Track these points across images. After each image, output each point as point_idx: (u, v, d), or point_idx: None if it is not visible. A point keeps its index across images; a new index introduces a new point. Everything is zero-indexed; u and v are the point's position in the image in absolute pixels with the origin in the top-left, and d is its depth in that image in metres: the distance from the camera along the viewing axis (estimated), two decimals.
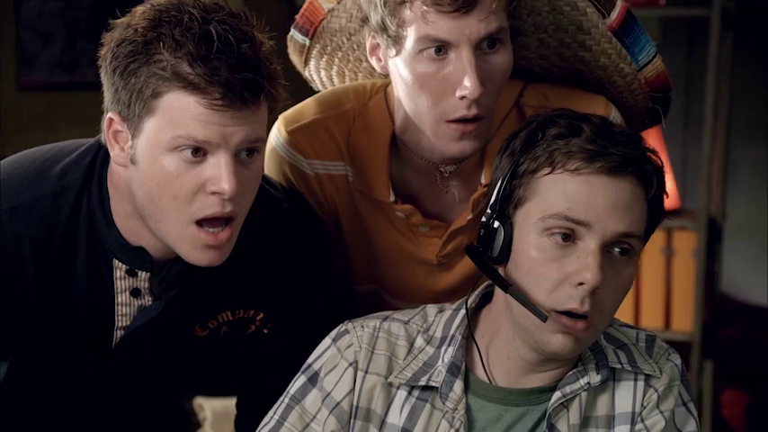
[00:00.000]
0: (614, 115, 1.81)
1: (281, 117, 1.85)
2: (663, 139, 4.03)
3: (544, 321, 1.51)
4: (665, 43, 4.26)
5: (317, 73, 1.97)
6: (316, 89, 2.00)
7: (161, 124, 1.52)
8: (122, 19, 1.57)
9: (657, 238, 3.95)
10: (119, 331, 1.67)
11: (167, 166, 1.53)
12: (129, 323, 1.67)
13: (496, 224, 1.56)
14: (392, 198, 1.82)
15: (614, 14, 1.80)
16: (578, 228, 1.51)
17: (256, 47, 1.54)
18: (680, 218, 3.95)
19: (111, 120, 1.57)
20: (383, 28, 1.69)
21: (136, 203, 1.59)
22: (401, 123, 1.80)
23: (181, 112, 1.51)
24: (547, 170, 1.53)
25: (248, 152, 1.56)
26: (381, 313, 1.68)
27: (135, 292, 1.66)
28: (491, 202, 1.57)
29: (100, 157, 1.64)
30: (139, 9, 1.56)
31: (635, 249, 1.55)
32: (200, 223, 1.56)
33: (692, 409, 1.61)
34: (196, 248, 1.56)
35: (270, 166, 1.85)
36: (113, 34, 1.55)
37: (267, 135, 1.64)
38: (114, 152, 1.58)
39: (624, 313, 3.99)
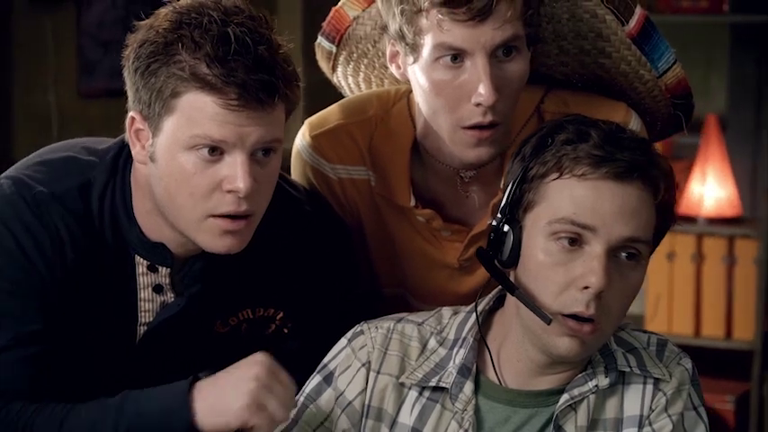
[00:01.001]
0: (634, 121, 1.83)
1: (306, 122, 1.90)
2: (726, 146, 4.02)
3: (548, 324, 1.54)
4: (735, 50, 4.25)
5: (344, 79, 2.01)
6: (345, 95, 2.05)
7: (179, 123, 1.57)
8: (146, 21, 1.62)
9: (718, 246, 3.95)
10: (142, 327, 1.71)
11: (185, 163, 1.58)
12: (151, 319, 1.71)
13: (506, 228, 1.59)
14: (413, 203, 1.85)
15: (633, 22, 1.81)
16: (584, 232, 1.53)
17: (273, 49, 1.59)
18: (741, 226, 3.93)
19: (132, 119, 1.62)
20: (401, 36, 1.72)
21: (155, 200, 1.64)
22: (422, 129, 1.83)
23: (198, 111, 1.56)
24: (555, 175, 1.56)
25: (264, 152, 1.60)
26: (396, 315, 1.71)
27: (157, 289, 1.70)
28: (501, 206, 1.60)
29: (123, 155, 1.69)
30: (162, 11, 1.61)
31: (642, 254, 1.56)
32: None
33: (702, 413, 1.62)
34: (215, 236, 1.61)
35: (294, 170, 1.90)
36: (137, 35, 1.61)
37: (283, 136, 1.67)
38: (135, 150, 1.63)
39: (685, 322, 3.98)
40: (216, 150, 1.58)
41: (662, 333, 1.73)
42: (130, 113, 1.63)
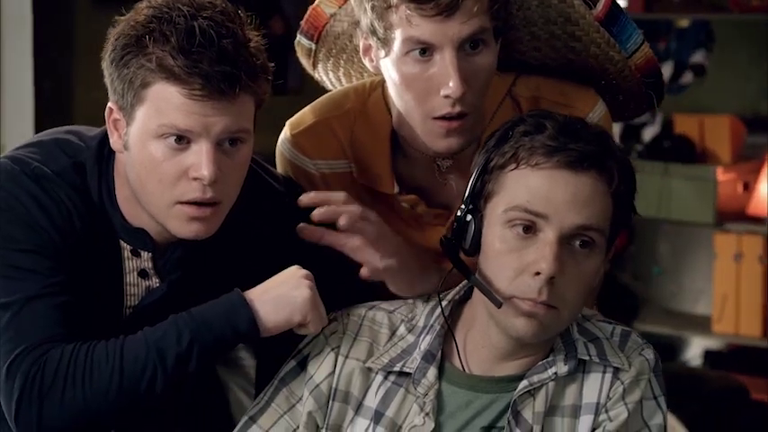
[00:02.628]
0: (599, 107, 1.89)
1: (287, 122, 1.97)
2: None
3: (498, 307, 1.60)
4: None
5: (325, 75, 2.08)
6: (328, 90, 2.11)
7: (149, 113, 1.66)
8: (126, 15, 1.71)
9: (756, 244, 3.92)
10: (127, 310, 1.81)
11: (154, 152, 1.67)
12: (137, 303, 1.80)
13: (468, 218, 1.66)
14: (396, 189, 1.92)
15: (600, 5, 1.86)
16: (538, 220, 1.59)
17: (239, 42, 1.66)
18: None
19: (110, 109, 1.72)
20: (372, 31, 1.79)
21: (131, 187, 1.73)
22: (396, 119, 1.89)
23: (165, 102, 1.65)
24: (512, 165, 1.62)
25: (231, 142, 1.68)
26: (370, 303, 1.78)
27: (142, 273, 1.79)
28: (465, 196, 1.67)
29: (108, 143, 1.77)
30: (140, 6, 1.70)
31: (596, 242, 1.61)
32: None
33: (661, 403, 1.66)
34: (182, 222, 1.69)
35: (278, 168, 1.98)
36: (116, 29, 1.70)
37: (252, 128, 1.74)
38: (113, 139, 1.73)
39: (752, 324, 3.95)
40: (183, 139, 1.66)
41: (729, 334, 1.77)
42: (109, 104, 1.73)
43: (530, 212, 1.59)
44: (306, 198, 1.80)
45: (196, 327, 1.67)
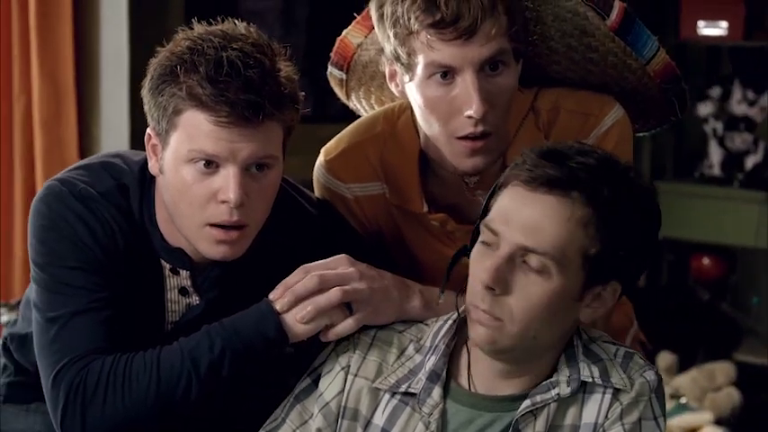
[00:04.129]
0: (616, 111, 1.94)
1: (322, 149, 2.07)
2: None
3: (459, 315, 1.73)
4: None
5: (359, 103, 2.18)
6: None
7: (180, 138, 1.77)
8: (166, 47, 1.82)
9: None
10: (169, 326, 1.91)
11: (185, 175, 1.78)
12: (178, 319, 1.91)
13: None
14: (426, 209, 1.99)
15: (613, 15, 1.91)
16: (495, 238, 1.66)
17: (266, 72, 1.76)
18: None
19: (149, 135, 1.84)
20: (396, 57, 1.88)
21: (167, 208, 1.84)
22: (424, 140, 1.97)
23: (195, 128, 1.75)
24: (503, 187, 1.70)
25: (258, 167, 1.78)
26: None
27: (182, 291, 1.90)
28: (481, 211, 1.73)
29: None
30: (177, 37, 1.81)
31: (547, 267, 1.63)
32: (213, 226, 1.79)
33: (660, 424, 1.69)
34: (211, 244, 1.80)
35: (315, 193, 2.06)
36: (155, 59, 1.81)
37: (280, 154, 1.82)
38: (151, 163, 1.84)
39: None
40: (211, 164, 1.76)
41: None
42: (147, 130, 1.84)
43: (490, 229, 1.67)
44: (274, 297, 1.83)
45: (227, 335, 1.76)
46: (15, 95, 3.61)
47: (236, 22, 1.83)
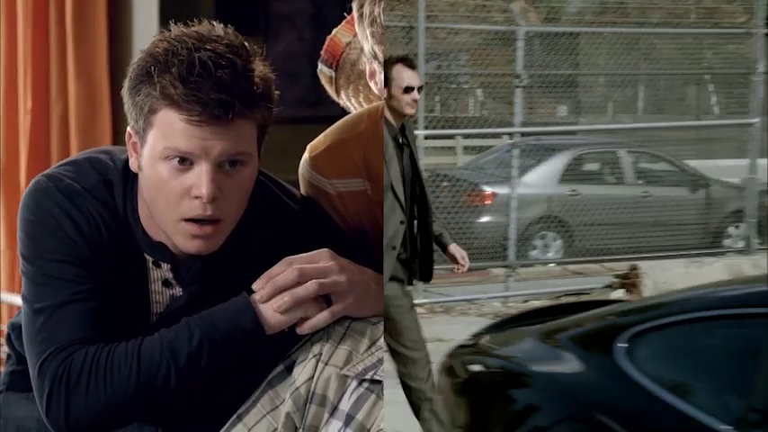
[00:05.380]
0: None
1: (308, 146, 2.13)
2: None
3: None
4: None
5: (348, 101, 2.24)
6: None
7: (156, 136, 1.84)
8: (145, 48, 1.88)
9: None
10: (154, 316, 1.98)
11: (161, 172, 1.84)
12: (162, 310, 1.98)
13: None
14: None
15: None
16: None
17: (237, 72, 1.82)
18: None
19: (129, 133, 1.90)
20: (374, 55, 1.95)
21: (146, 204, 1.90)
22: None
23: (169, 126, 1.82)
24: None
25: (231, 163, 1.84)
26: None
27: (166, 283, 1.96)
28: None
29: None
30: (155, 39, 1.88)
31: None
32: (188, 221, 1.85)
33: None
34: (186, 239, 1.86)
35: (301, 189, 2.13)
36: (135, 61, 1.88)
37: (254, 151, 1.89)
38: (132, 160, 1.91)
39: None
40: (185, 161, 1.83)
41: None
42: (128, 128, 1.91)
43: None
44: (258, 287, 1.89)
45: (206, 327, 1.83)
46: (53, 101, 3.70)
47: (214, 23, 1.89)
